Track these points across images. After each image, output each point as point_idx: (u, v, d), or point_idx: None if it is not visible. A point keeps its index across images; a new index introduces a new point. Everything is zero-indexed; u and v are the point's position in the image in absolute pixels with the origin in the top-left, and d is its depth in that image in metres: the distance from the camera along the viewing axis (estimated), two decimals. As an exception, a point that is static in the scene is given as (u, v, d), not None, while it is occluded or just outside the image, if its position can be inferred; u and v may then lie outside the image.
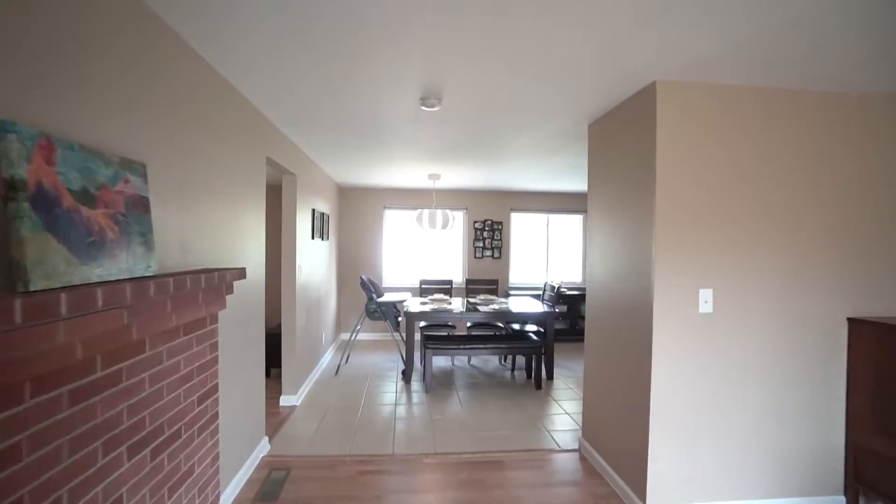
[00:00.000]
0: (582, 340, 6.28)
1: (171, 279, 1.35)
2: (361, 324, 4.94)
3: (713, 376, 2.18)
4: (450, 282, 5.72)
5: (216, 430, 1.91)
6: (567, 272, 6.81)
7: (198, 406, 1.73)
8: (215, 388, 1.91)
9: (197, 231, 1.99)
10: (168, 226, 1.74)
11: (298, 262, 3.73)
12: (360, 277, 4.69)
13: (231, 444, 2.37)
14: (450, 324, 4.92)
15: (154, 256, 1.46)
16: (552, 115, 2.78)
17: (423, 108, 2.50)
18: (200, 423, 1.76)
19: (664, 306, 2.14)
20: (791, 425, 2.24)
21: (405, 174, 5.12)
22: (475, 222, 6.49)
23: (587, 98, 2.43)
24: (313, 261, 4.41)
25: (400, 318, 4.76)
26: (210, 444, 1.85)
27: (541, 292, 6.20)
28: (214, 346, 1.89)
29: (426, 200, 6.23)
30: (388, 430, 3.22)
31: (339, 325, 6.18)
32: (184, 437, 1.62)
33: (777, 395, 2.23)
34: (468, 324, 5.07)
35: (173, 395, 1.54)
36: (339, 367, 4.67)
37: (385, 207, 6.42)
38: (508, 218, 6.56)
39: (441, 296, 5.14)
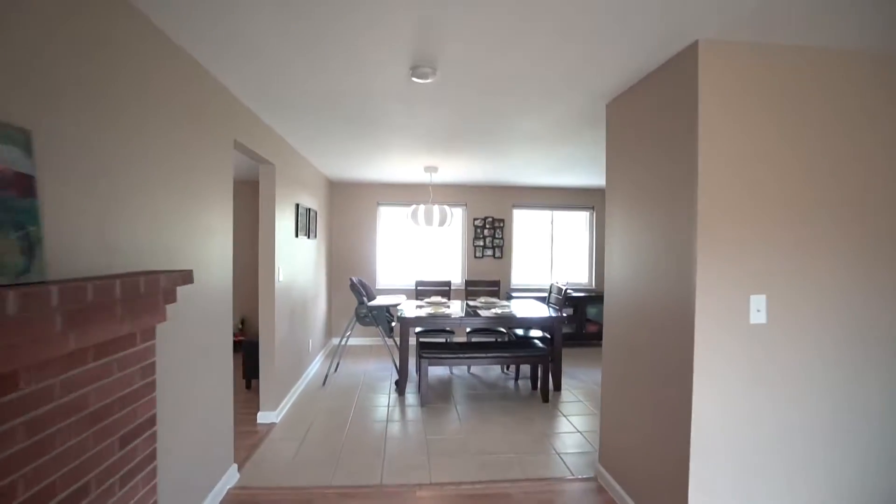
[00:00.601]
0: (590, 345, 5.91)
1: (53, 287, 0.97)
2: (352, 329, 4.56)
3: (768, 401, 1.80)
4: (448, 283, 5.34)
5: (152, 474, 1.53)
6: (573, 273, 6.43)
7: (120, 449, 1.34)
8: (151, 422, 1.52)
9: (132, 225, 1.60)
10: (83, 217, 1.35)
11: (277, 264, 3.34)
12: (350, 279, 4.30)
13: (186, 481, 1.98)
14: (448, 329, 4.53)
15: (42, 256, 1.08)
16: (564, 92, 2.40)
17: (414, 79, 2.11)
18: (125, 469, 1.37)
19: (707, 315, 1.76)
20: (864, 461, 1.86)
21: (400, 167, 4.73)
22: (475, 219, 6.10)
23: (609, 67, 2.04)
24: (298, 261, 4.02)
25: (393, 324, 4.37)
26: (142, 493, 1.46)
27: (545, 294, 5.82)
28: (149, 369, 1.51)
29: (423, 196, 5.84)
30: (377, 454, 2.83)
31: (330, 330, 5.79)
32: (95, 493, 1.23)
33: (847, 424, 1.84)
34: (467, 329, 4.68)
35: (76, 440, 1.15)
36: (326, 376, 4.28)
37: (379, 204, 6.03)
38: (510, 215, 6.17)
39: (438, 299, 4.76)
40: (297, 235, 3.92)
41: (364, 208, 5.98)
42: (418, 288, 5.28)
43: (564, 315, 4.11)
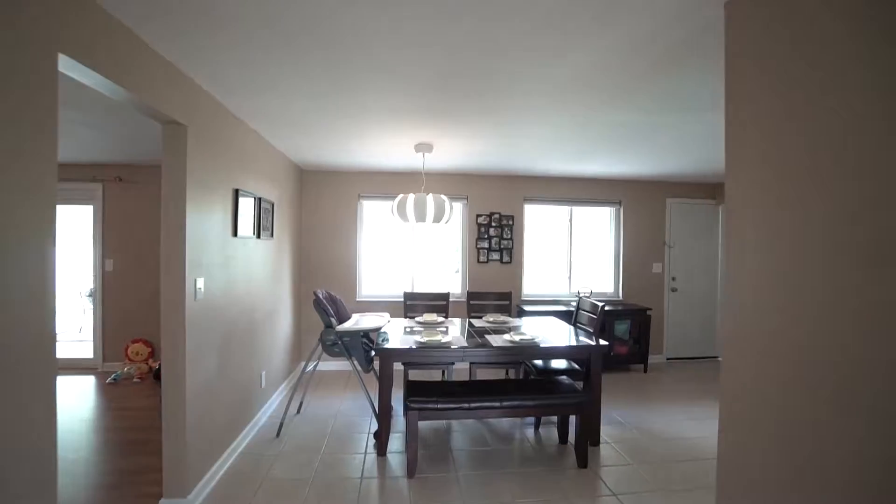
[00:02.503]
0: (618, 370, 4.79)
1: None
2: (319, 359, 3.45)
3: None
4: (445, 296, 4.24)
5: None
6: (596, 280, 5.35)
7: None
8: None
9: None
10: None
11: (189, 273, 2.23)
12: (315, 294, 3.19)
13: None
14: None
15: None
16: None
17: None
18: None
19: None
20: None
21: (384, 146, 3.64)
22: (478, 216, 5.01)
23: None
24: (238, 268, 2.91)
25: (373, 353, 3.27)
26: None
27: (565, 309, 4.74)
28: None
29: (414, 187, 4.75)
30: (331, 590, 1.73)
31: (299, 353, 4.67)
32: None
33: None
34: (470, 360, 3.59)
35: None
36: (281, 425, 3.17)
37: (361, 197, 4.93)
38: (521, 211, 5.09)
39: (433, 317, 3.67)
40: (235, 234, 2.82)
41: (343, 202, 4.88)
42: (408, 302, 4.16)
43: (606, 344, 3.03)
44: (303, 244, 4.80)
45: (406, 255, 5.02)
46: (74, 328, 6.21)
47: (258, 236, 3.25)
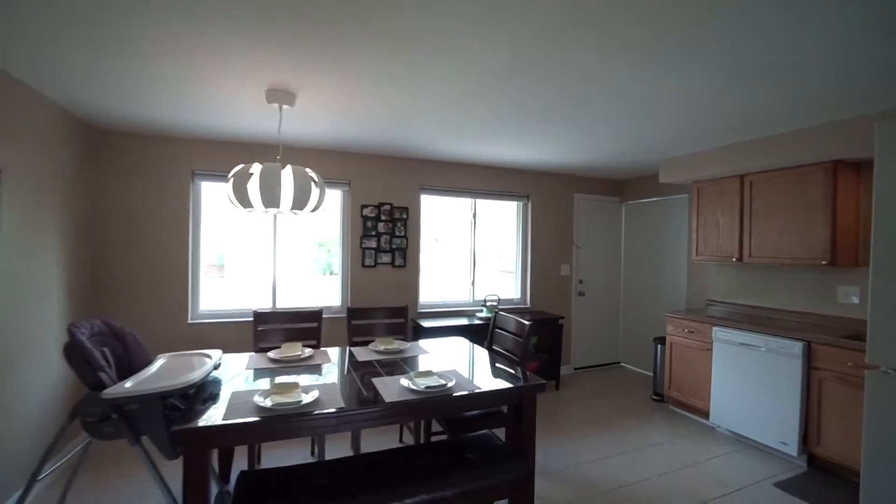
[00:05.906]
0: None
1: None
2: (85, 449, 2.01)
3: None
4: (317, 314, 3.03)
5: None
6: (500, 286, 4.66)
7: None
8: None
9: None
10: None
11: None
12: (70, 334, 1.78)
13: None
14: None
15: None
16: None
17: None
18: None
19: None
20: None
21: (216, 87, 2.35)
22: (364, 207, 3.91)
23: None
24: None
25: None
26: None
27: (468, 322, 3.92)
28: None
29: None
30: None
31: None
32: None
33: None
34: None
35: None
36: (-9, 580, 1.71)
37: (196, 174, 3.47)
38: (417, 202, 4.13)
39: (296, 348, 2.49)
40: None
41: (168, 181, 3.36)
42: (259, 328, 2.84)
43: (543, 382, 2.22)
44: (97, 242, 3.17)
45: (265, 258, 3.69)
46: None
47: (-55, 227, 1.73)
